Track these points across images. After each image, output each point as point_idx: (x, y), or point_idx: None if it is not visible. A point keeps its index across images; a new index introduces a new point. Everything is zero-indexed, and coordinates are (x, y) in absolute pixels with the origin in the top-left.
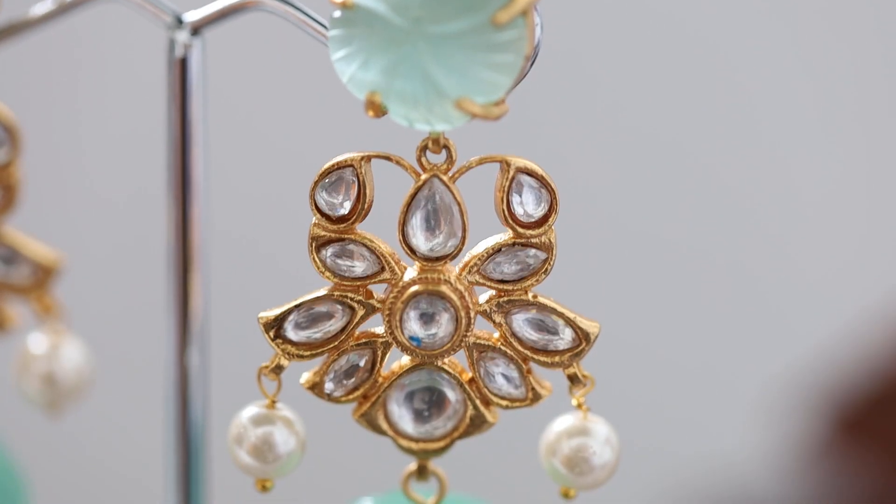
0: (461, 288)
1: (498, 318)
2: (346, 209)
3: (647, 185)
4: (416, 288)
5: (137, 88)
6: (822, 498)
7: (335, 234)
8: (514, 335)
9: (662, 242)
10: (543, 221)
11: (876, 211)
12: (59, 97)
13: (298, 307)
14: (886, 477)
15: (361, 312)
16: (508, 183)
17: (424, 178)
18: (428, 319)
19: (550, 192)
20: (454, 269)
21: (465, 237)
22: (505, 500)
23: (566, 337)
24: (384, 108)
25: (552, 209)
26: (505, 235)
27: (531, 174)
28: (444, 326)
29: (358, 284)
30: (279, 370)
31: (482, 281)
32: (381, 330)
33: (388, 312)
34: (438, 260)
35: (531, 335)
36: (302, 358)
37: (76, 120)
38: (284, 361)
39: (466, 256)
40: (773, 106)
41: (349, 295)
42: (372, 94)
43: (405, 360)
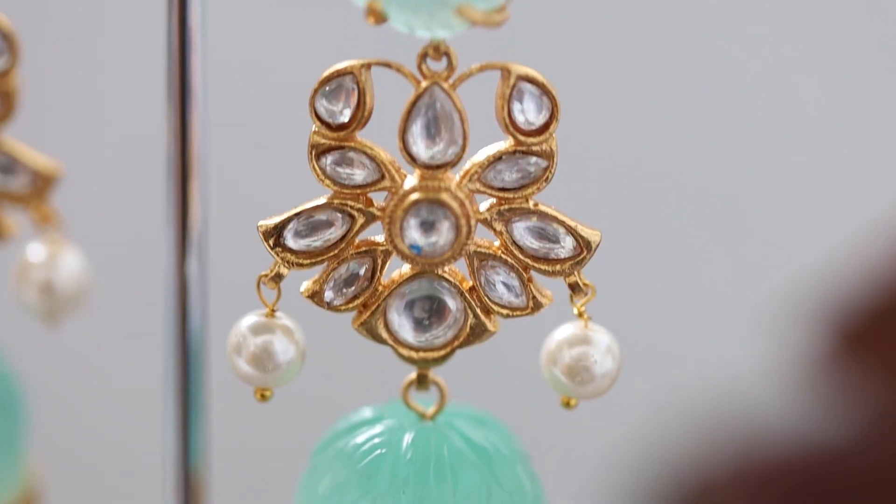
0: (461, 196)
1: (499, 226)
2: (345, 117)
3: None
4: (416, 196)
5: None
6: (825, 411)
7: (335, 141)
8: (514, 243)
9: (665, 152)
10: (544, 129)
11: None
12: (58, 4)
13: (298, 215)
14: (890, 390)
15: (361, 221)
16: (509, 90)
17: (425, 85)
18: (428, 227)
19: (551, 99)
20: (454, 176)
21: (465, 145)
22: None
23: (567, 245)
24: (385, 14)
25: (553, 117)
26: (506, 143)
27: (532, 81)
28: (444, 234)
29: (358, 192)
30: (279, 279)
31: (483, 189)
32: (381, 238)
33: (388, 220)
34: (439, 168)
35: (532, 243)
36: (301, 266)
37: (74, 26)
38: (284, 270)
39: (467, 164)
40: (766, 26)
41: (349, 203)
42: (372, 0)
43: (405, 268)
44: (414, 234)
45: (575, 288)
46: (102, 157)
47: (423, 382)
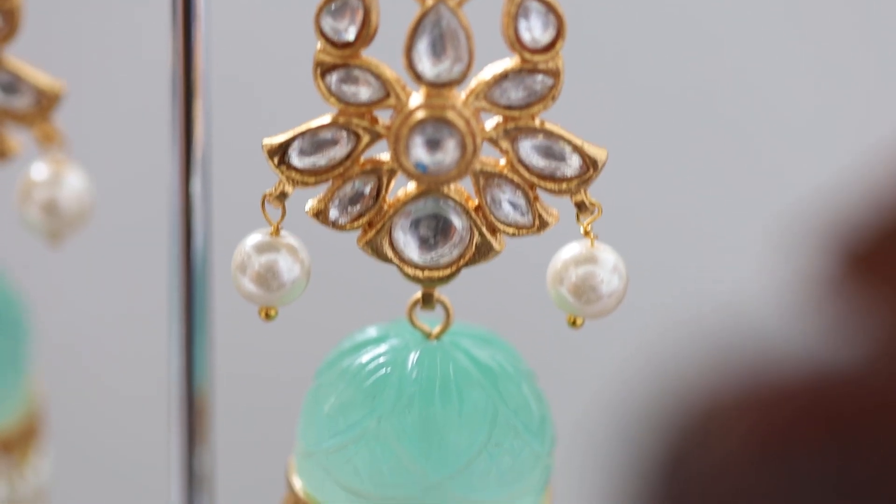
0: (467, 114)
1: (504, 144)
2: (351, 35)
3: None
4: (421, 114)
5: None
6: (832, 334)
7: (340, 59)
8: (520, 162)
9: (673, 73)
10: (550, 47)
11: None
12: None
13: (303, 133)
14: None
15: (366, 139)
16: (515, 8)
17: (430, 3)
18: (434, 146)
19: (558, 17)
20: (460, 95)
21: (471, 63)
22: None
23: (573, 164)
24: None
25: (559, 35)
26: (512, 61)
27: None
28: (450, 153)
29: (363, 110)
30: (283, 197)
31: (488, 107)
32: (386, 157)
33: (393, 139)
34: (444, 86)
35: (538, 162)
36: (306, 185)
37: None
38: (289, 188)
39: (473, 82)
40: None
41: (354, 121)
42: None
43: (411, 187)
44: (419, 152)
45: (581, 206)
46: (106, 76)
47: (428, 301)
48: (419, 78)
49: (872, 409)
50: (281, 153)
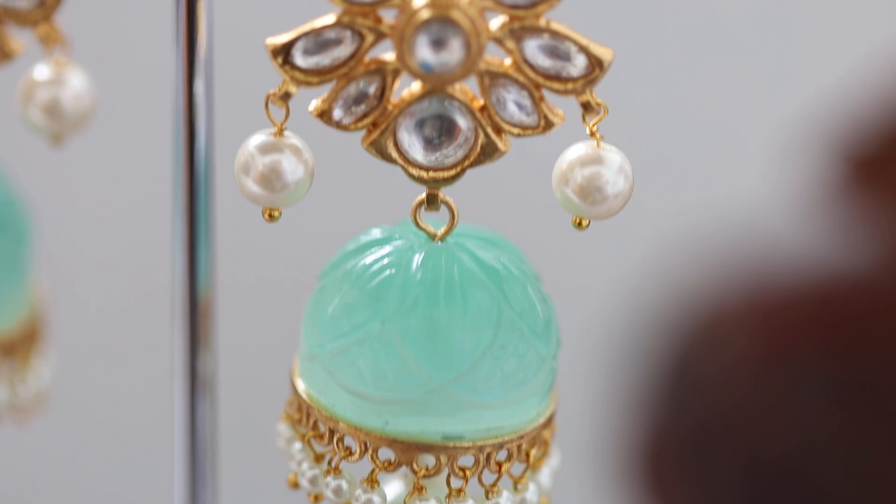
0: (472, 13)
1: (510, 44)
2: None
3: None
4: (426, 13)
5: None
6: (838, 240)
7: None
8: (526, 61)
9: None
10: None
11: None
12: None
13: (307, 33)
14: None
15: (371, 38)
16: None
17: None
18: (438, 45)
19: None
20: None
21: None
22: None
23: (579, 63)
24: None
25: None
26: None
27: None
28: (455, 52)
29: (367, 10)
30: (287, 97)
31: (493, 6)
32: (390, 56)
33: (397, 38)
34: None
35: (544, 61)
36: (310, 84)
37: None
38: (293, 88)
39: None
40: None
41: (358, 20)
42: None
43: (415, 87)
44: (424, 51)
45: (587, 107)
46: None
47: (433, 202)
48: None
49: (878, 314)
50: (284, 53)
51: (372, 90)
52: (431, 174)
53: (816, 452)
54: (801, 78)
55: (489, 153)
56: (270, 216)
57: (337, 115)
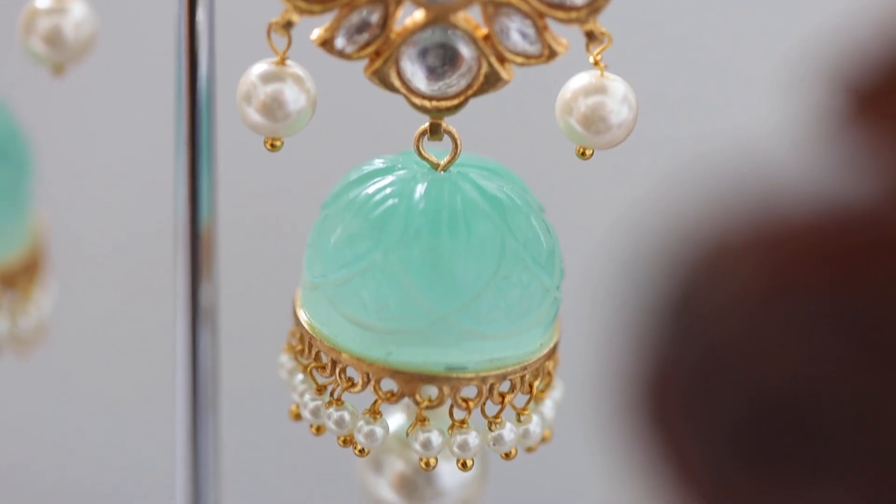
0: None
1: None
2: None
3: None
4: None
5: None
6: (842, 171)
7: None
8: None
9: None
10: None
11: None
12: None
13: None
14: None
15: None
16: None
17: None
18: None
19: None
20: None
21: None
22: (519, 159)
23: None
24: None
25: None
26: None
27: None
28: None
29: None
30: (289, 26)
31: None
32: None
33: None
34: None
35: None
36: (312, 13)
37: None
38: (295, 17)
39: None
40: None
41: None
42: None
43: (418, 15)
44: None
45: (591, 36)
46: None
47: (436, 132)
48: None
49: (881, 245)
50: None
51: (374, 19)
52: (434, 103)
53: (820, 384)
54: (804, 9)
55: (492, 82)
56: (272, 146)
57: (339, 43)
